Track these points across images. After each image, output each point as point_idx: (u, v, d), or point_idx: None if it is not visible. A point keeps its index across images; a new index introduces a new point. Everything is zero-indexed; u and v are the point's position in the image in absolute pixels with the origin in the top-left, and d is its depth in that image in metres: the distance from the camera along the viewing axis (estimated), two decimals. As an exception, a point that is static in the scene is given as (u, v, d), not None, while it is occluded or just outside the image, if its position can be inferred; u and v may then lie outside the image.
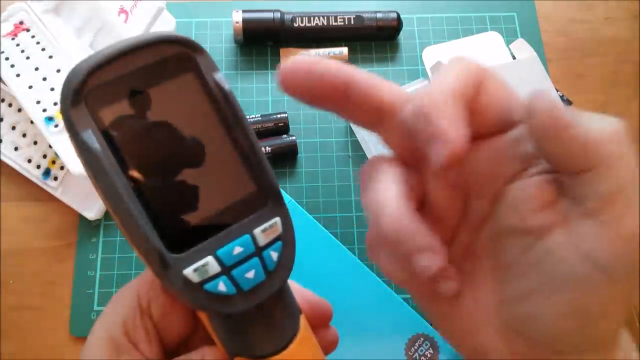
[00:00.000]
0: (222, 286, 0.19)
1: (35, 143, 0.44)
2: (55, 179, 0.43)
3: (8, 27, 0.43)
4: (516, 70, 0.45)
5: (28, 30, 0.44)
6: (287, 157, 0.46)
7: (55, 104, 0.41)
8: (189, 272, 0.19)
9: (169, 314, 0.25)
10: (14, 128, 0.44)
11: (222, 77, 0.20)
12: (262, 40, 0.49)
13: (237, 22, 0.47)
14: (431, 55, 0.46)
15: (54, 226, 0.44)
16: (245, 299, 0.20)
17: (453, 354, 0.39)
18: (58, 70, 0.42)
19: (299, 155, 0.46)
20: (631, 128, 0.18)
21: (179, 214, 0.19)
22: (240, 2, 0.51)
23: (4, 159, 0.43)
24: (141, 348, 0.24)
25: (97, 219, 0.43)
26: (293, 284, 0.23)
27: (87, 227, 0.43)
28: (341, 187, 0.46)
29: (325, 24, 0.48)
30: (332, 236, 0.41)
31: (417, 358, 0.39)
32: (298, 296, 0.23)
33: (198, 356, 0.23)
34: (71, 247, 0.43)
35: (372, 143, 0.45)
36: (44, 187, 0.43)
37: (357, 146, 0.47)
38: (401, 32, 0.50)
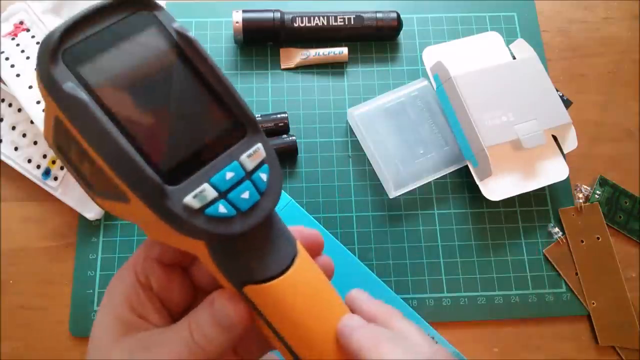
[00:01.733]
0: (222, 208, 0.21)
1: (35, 143, 0.44)
2: (55, 179, 0.43)
3: (8, 27, 0.43)
4: (516, 70, 0.45)
5: (28, 30, 0.44)
6: (287, 157, 0.46)
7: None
8: (189, 199, 0.20)
9: (168, 283, 0.26)
10: (14, 128, 0.44)
11: (182, 26, 0.22)
12: (262, 40, 0.49)
13: (237, 22, 0.47)
14: (431, 55, 0.46)
15: (54, 226, 0.44)
16: (246, 219, 0.21)
17: (453, 354, 0.39)
18: (58, 70, 0.42)
19: (299, 155, 0.46)
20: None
21: (168, 151, 0.21)
22: (240, 2, 0.51)
23: (4, 159, 0.43)
24: (152, 320, 0.25)
25: (97, 219, 0.43)
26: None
27: (87, 227, 0.43)
28: (341, 187, 0.46)
29: (325, 24, 0.48)
30: (332, 236, 0.41)
31: (417, 358, 0.39)
32: (292, 230, 0.25)
33: (207, 302, 0.23)
34: (71, 247, 0.43)
35: (372, 143, 0.45)
36: (44, 187, 0.43)
37: (357, 146, 0.47)
38: (401, 32, 0.50)
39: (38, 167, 0.43)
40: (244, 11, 0.48)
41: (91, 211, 0.43)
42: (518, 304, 0.43)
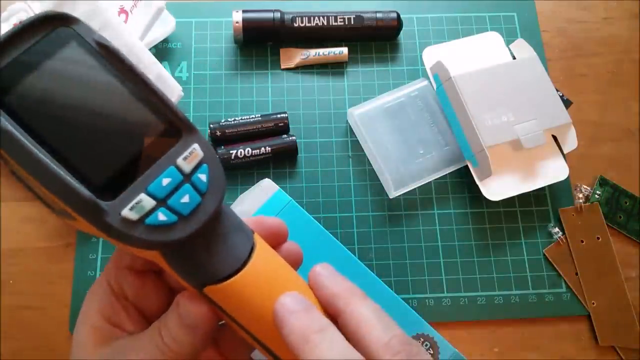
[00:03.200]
0: (162, 216, 0.21)
1: (35, 143, 0.44)
2: (55, 179, 0.43)
3: (8, 27, 0.43)
4: (516, 70, 0.45)
5: (28, 30, 0.43)
6: (287, 157, 0.46)
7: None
8: (126, 212, 0.20)
9: (142, 289, 0.26)
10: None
11: (102, 36, 0.22)
12: (262, 40, 0.49)
13: (237, 22, 0.47)
14: (431, 55, 0.46)
15: (54, 226, 0.44)
16: (189, 223, 0.21)
17: (453, 354, 0.39)
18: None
19: (299, 155, 0.46)
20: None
21: (101, 166, 0.21)
22: (240, 2, 0.51)
23: (3, 159, 0.43)
24: (126, 328, 0.25)
25: (97, 219, 0.43)
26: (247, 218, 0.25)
27: (87, 227, 0.43)
28: (341, 187, 0.46)
29: (325, 24, 0.48)
30: (332, 236, 0.41)
31: (417, 358, 0.39)
32: (250, 222, 0.24)
33: (174, 304, 0.23)
34: (71, 247, 0.43)
35: (372, 143, 0.45)
36: (44, 187, 0.43)
37: (357, 146, 0.47)
38: (401, 32, 0.50)
39: (38, 167, 0.43)
40: (244, 11, 0.48)
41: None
42: (518, 304, 0.43)
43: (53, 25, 0.21)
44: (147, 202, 0.20)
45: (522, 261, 0.44)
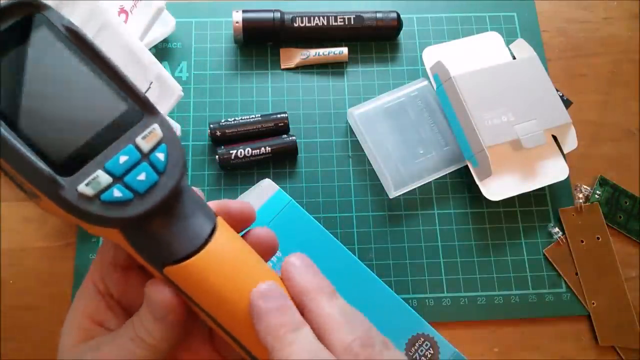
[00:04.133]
0: (117, 193, 0.21)
1: (35, 143, 0.44)
2: (55, 179, 0.43)
3: (8, 27, 0.43)
4: (516, 70, 0.45)
5: (28, 30, 0.43)
6: (287, 157, 0.46)
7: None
8: (82, 187, 0.21)
9: (126, 286, 0.26)
10: None
11: (71, 22, 0.23)
12: (262, 40, 0.49)
13: (237, 22, 0.47)
14: (431, 55, 0.46)
15: (54, 226, 0.44)
16: (145, 200, 0.22)
17: (453, 354, 0.39)
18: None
19: (299, 155, 0.46)
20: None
21: (62, 144, 0.21)
22: (240, 2, 0.51)
23: (3, 159, 0.43)
24: (110, 326, 0.25)
25: (97, 219, 0.43)
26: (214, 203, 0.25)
27: (87, 227, 0.43)
28: (341, 187, 0.46)
29: (325, 24, 0.48)
30: (332, 236, 0.41)
31: (417, 358, 0.39)
32: (214, 205, 0.25)
33: (143, 295, 0.24)
34: (71, 247, 0.43)
35: (372, 143, 0.45)
36: (44, 187, 0.43)
37: (357, 146, 0.47)
38: (401, 32, 0.50)
39: (38, 167, 0.43)
40: (244, 11, 0.48)
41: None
42: (518, 304, 0.43)
43: (24, 12, 0.22)
44: (104, 178, 0.21)
45: (522, 261, 0.44)
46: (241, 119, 0.45)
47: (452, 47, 0.47)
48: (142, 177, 0.22)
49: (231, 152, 0.44)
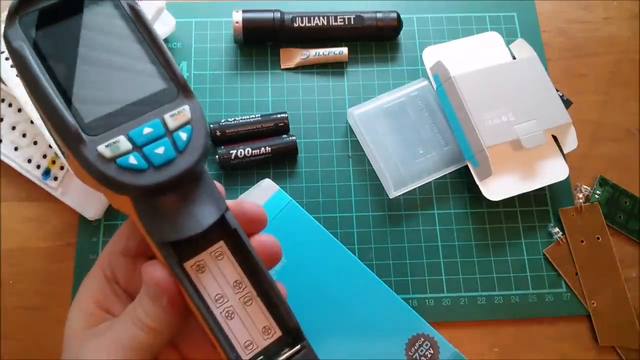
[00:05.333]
0: (132, 159, 0.22)
1: (35, 143, 0.44)
2: (55, 179, 0.43)
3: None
4: (516, 70, 0.45)
5: (28, 30, 0.44)
6: (287, 157, 0.46)
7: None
8: (101, 148, 0.22)
9: (133, 274, 0.26)
10: (14, 128, 0.44)
11: (134, 0, 0.24)
12: (262, 40, 0.49)
13: (237, 22, 0.47)
14: (431, 55, 0.46)
15: (54, 226, 0.44)
16: (157, 173, 0.22)
17: (453, 354, 0.39)
18: (58, 70, 0.42)
19: (299, 155, 0.46)
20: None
21: (96, 106, 0.23)
22: (240, 2, 0.51)
23: (4, 159, 0.43)
24: (114, 311, 0.26)
25: (97, 219, 0.43)
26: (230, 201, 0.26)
27: (87, 227, 0.43)
28: (341, 187, 0.46)
29: (325, 24, 0.48)
30: (332, 236, 0.41)
31: (417, 358, 0.39)
32: (230, 204, 0.25)
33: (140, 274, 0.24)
34: (71, 247, 0.43)
35: (372, 143, 0.45)
36: (44, 187, 0.43)
37: (357, 146, 0.47)
38: (401, 32, 0.50)
39: (38, 167, 0.43)
40: (244, 11, 0.48)
41: (91, 211, 0.43)
42: (518, 304, 0.43)
43: None
44: (124, 144, 0.22)
45: (522, 261, 0.44)
46: (241, 119, 0.45)
47: (452, 47, 0.47)
48: (160, 150, 0.22)
49: (231, 152, 0.44)
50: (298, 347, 0.24)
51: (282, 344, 0.24)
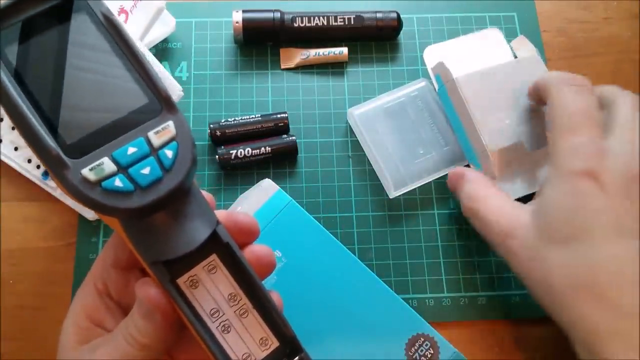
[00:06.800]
0: (118, 182, 0.21)
1: (35, 143, 0.44)
2: (55, 179, 0.43)
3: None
4: (518, 70, 0.45)
5: (28, 30, 0.44)
6: (287, 157, 0.46)
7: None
8: (85, 171, 0.21)
9: (126, 288, 0.26)
10: (14, 128, 0.44)
11: (109, 9, 0.23)
12: (262, 40, 0.49)
13: (237, 22, 0.47)
14: (432, 54, 0.46)
15: (54, 226, 0.44)
16: (144, 194, 0.22)
17: (453, 354, 0.39)
18: (58, 70, 0.42)
19: (299, 155, 0.46)
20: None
21: (77, 126, 0.22)
22: (240, 2, 0.51)
23: (4, 159, 0.43)
24: (106, 325, 0.25)
25: (97, 219, 0.43)
26: (221, 212, 0.25)
27: (86, 227, 0.43)
28: (341, 187, 0.46)
29: (325, 24, 0.48)
30: (332, 236, 0.41)
31: (417, 358, 0.39)
32: (220, 215, 0.25)
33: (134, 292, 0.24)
34: (71, 247, 0.43)
35: (372, 143, 0.45)
36: (44, 187, 0.43)
37: (357, 146, 0.47)
38: (401, 32, 0.50)
39: (38, 167, 0.43)
40: (243, 11, 0.48)
41: (91, 211, 0.43)
42: (518, 304, 0.43)
43: None
44: (108, 166, 0.22)
45: (522, 261, 0.44)
46: (241, 119, 0.45)
47: (453, 45, 0.47)
48: (146, 170, 0.22)
49: (231, 152, 0.44)
50: (297, 358, 0.24)
51: (280, 354, 0.24)
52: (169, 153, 0.22)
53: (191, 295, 0.24)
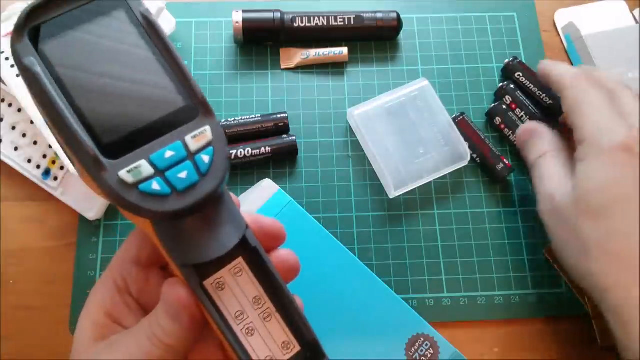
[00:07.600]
0: (155, 185, 0.21)
1: (35, 143, 0.44)
2: (55, 179, 0.43)
3: (8, 27, 0.43)
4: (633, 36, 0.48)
5: (28, 30, 0.43)
6: (287, 157, 0.46)
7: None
8: (123, 173, 0.21)
9: (146, 285, 0.26)
10: (14, 128, 0.44)
11: (147, 9, 0.23)
12: (262, 40, 0.49)
13: (237, 22, 0.47)
14: (562, 16, 0.50)
15: (54, 226, 0.44)
16: (180, 198, 0.22)
17: (453, 354, 0.39)
18: (58, 70, 0.42)
19: (299, 155, 0.46)
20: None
21: (115, 126, 0.22)
22: (240, 2, 0.51)
23: (4, 159, 0.43)
24: (125, 323, 0.25)
25: (97, 219, 0.43)
26: (246, 214, 0.25)
27: (87, 227, 0.43)
28: (341, 187, 0.46)
29: (325, 24, 0.48)
30: (332, 236, 0.41)
31: (417, 358, 0.39)
32: (248, 218, 0.25)
33: (161, 292, 0.24)
34: (71, 247, 0.43)
35: (372, 143, 0.45)
36: (44, 187, 0.43)
37: (357, 146, 0.47)
38: (401, 32, 0.50)
39: (38, 167, 0.43)
40: (244, 11, 0.48)
41: (91, 211, 0.43)
42: (518, 304, 0.43)
43: None
44: (146, 168, 0.21)
45: (522, 261, 0.44)
46: (241, 119, 0.45)
47: (581, 10, 0.51)
48: (183, 175, 0.22)
49: (231, 152, 0.44)
50: None
51: (301, 358, 0.24)
52: (205, 158, 0.22)
53: (217, 298, 0.24)
